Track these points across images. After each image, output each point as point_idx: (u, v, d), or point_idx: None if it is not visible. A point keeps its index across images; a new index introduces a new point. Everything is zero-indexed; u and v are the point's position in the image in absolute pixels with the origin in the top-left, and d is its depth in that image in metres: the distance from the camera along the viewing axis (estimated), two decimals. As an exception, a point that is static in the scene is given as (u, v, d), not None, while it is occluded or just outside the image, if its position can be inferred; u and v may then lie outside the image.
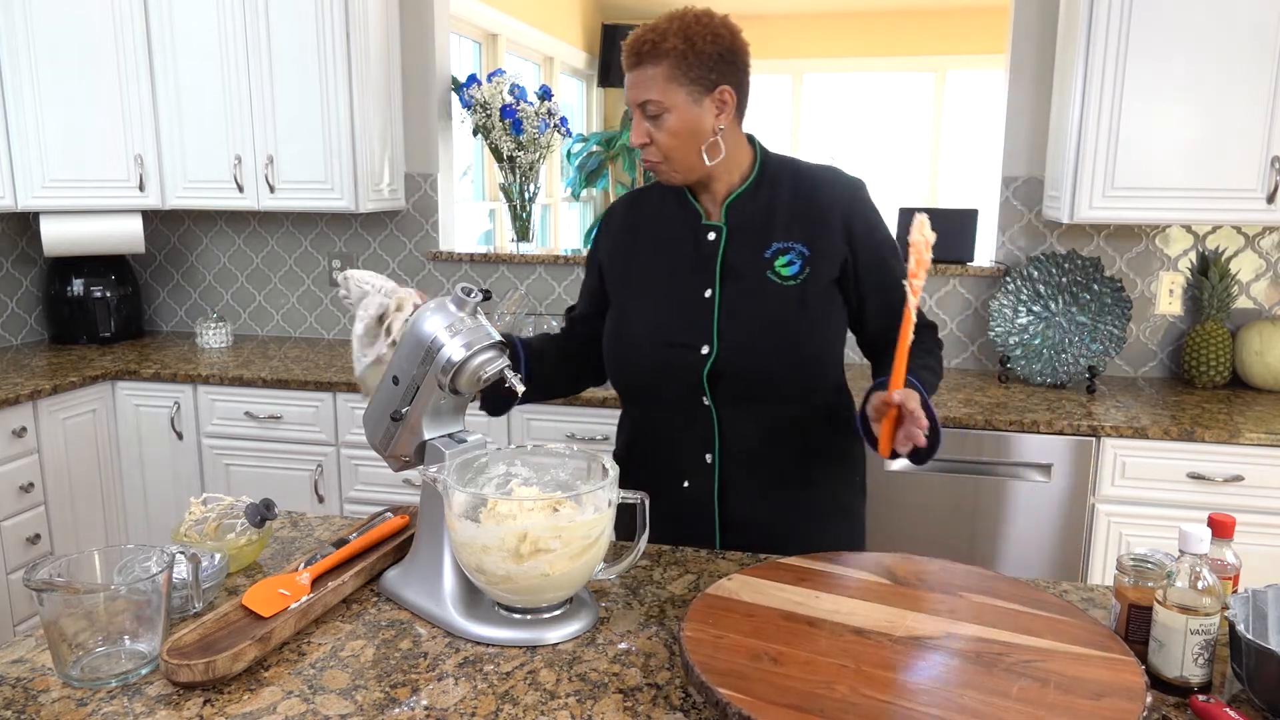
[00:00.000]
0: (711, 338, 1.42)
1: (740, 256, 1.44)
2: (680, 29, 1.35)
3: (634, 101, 1.38)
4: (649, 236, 1.51)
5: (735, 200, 1.46)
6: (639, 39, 1.37)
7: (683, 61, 1.35)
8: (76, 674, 1.04)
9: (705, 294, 1.43)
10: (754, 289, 1.42)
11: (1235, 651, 1.01)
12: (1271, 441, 2.24)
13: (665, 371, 1.45)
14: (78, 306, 3.22)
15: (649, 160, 1.41)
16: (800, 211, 1.44)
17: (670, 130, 1.37)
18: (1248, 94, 2.37)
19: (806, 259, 1.42)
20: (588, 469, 1.24)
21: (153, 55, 2.99)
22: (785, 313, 1.41)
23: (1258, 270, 2.77)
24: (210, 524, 1.38)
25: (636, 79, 1.37)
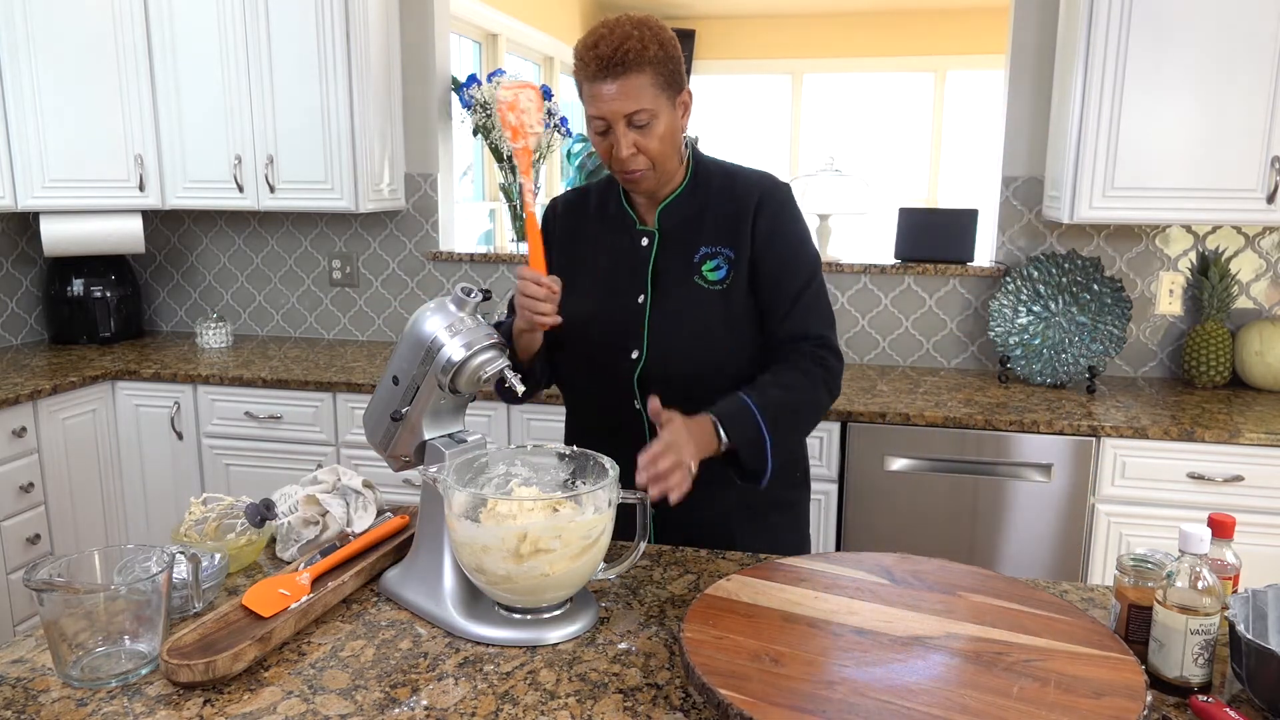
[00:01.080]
0: (642, 343, 1.44)
1: (671, 262, 1.45)
2: (653, 35, 1.33)
3: (620, 113, 1.33)
4: (588, 240, 1.52)
5: (668, 205, 1.47)
6: (618, 48, 1.31)
7: (663, 68, 1.34)
8: (76, 674, 1.04)
9: (638, 300, 1.45)
10: (682, 294, 1.44)
11: (1235, 651, 1.01)
12: (1271, 441, 2.24)
13: (598, 375, 1.49)
14: (78, 306, 3.22)
15: (635, 170, 1.38)
16: (727, 215, 1.45)
17: (660, 137, 1.36)
18: (1248, 93, 2.37)
19: (732, 263, 1.44)
20: (588, 469, 1.24)
21: (153, 55, 2.99)
22: (711, 317, 1.43)
23: (1258, 270, 2.77)
24: (210, 524, 1.38)
25: (621, 90, 1.32)
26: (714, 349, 1.44)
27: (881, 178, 6.81)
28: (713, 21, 6.99)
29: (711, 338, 1.43)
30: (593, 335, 1.47)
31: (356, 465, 2.76)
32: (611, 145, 1.37)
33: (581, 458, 1.25)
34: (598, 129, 1.37)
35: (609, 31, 1.33)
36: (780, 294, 1.44)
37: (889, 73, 7.02)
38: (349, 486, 1.43)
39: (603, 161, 1.43)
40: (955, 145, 6.99)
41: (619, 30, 1.33)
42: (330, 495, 1.41)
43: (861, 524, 2.49)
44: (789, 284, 1.44)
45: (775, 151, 7.19)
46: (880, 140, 7.13)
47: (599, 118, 1.35)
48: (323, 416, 2.77)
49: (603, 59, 1.32)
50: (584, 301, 1.47)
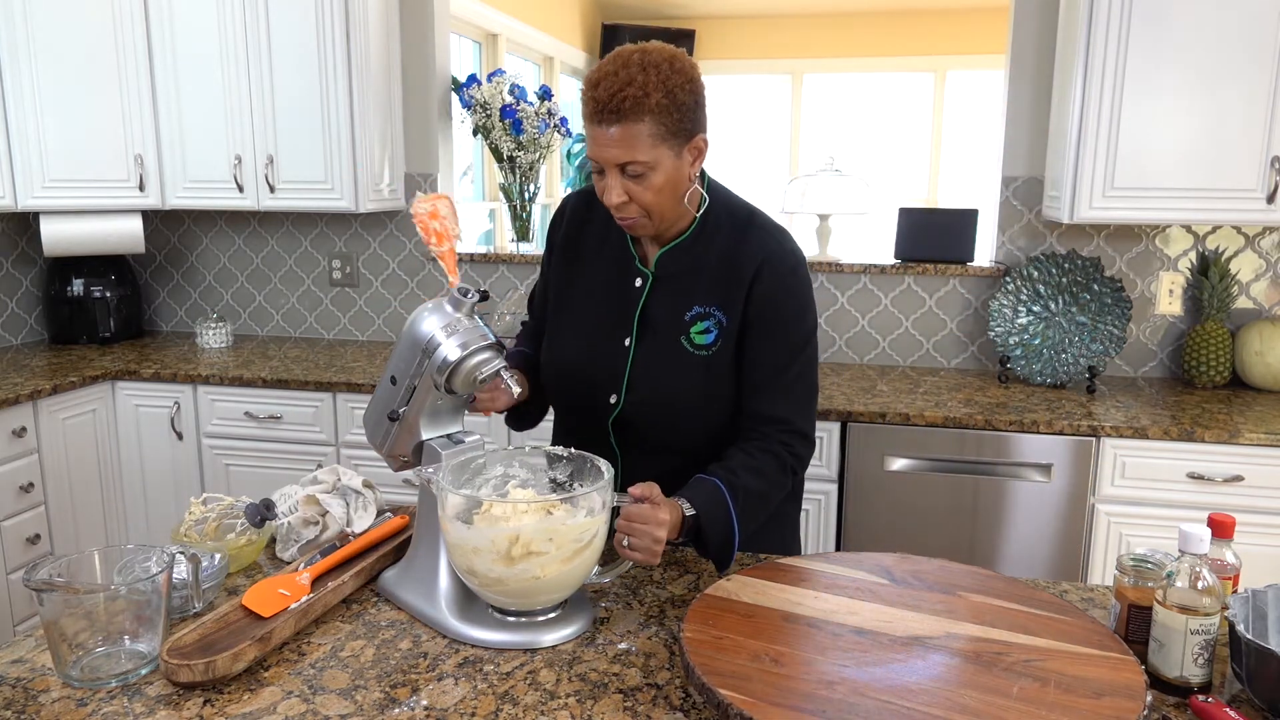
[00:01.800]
0: (621, 389, 1.41)
1: (661, 312, 1.40)
2: (659, 82, 1.23)
3: (612, 161, 1.26)
4: (591, 255, 1.47)
5: (670, 251, 1.39)
6: (616, 94, 1.23)
7: (667, 117, 1.24)
8: (76, 674, 1.04)
9: (625, 343, 1.41)
10: (667, 351, 1.38)
11: (1235, 651, 1.01)
12: (1271, 442, 2.24)
13: (577, 409, 1.48)
14: (77, 306, 3.22)
15: (625, 218, 1.32)
16: (727, 275, 1.37)
17: (655, 188, 1.28)
18: (1247, 94, 2.37)
19: (723, 328, 1.37)
20: (585, 471, 1.24)
21: (153, 55, 2.99)
22: (693, 381, 1.38)
23: (1258, 270, 2.77)
24: (210, 524, 1.38)
25: (617, 137, 1.24)
26: (690, 410, 1.40)
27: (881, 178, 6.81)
28: (713, 21, 6.99)
29: (690, 399, 1.39)
30: (577, 372, 1.44)
31: (356, 465, 2.76)
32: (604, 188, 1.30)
33: (579, 460, 1.25)
34: (594, 168, 1.30)
35: (614, 72, 1.24)
36: (760, 372, 1.38)
37: (889, 73, 7.02)
38: (349, 486, 1.43)
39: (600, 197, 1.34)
40: (955, 145, 6.99)
41: (623, 73, 1.24)
42: (330, 495, 1.41)
43: (861, 524, 2.49)
44: (771, 362, 1.37)
45: (775, 151, 7.19)
46: (880, 140, 7.13)
47: (593, 159, 1.28)
48: (323, 416, 2.77)
49: (599, 103, 1.24)
50: (578, 332, 1.45)
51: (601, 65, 1.27)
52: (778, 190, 3.34)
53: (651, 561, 1.20)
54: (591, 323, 1.44)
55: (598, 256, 1.46)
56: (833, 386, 2.68)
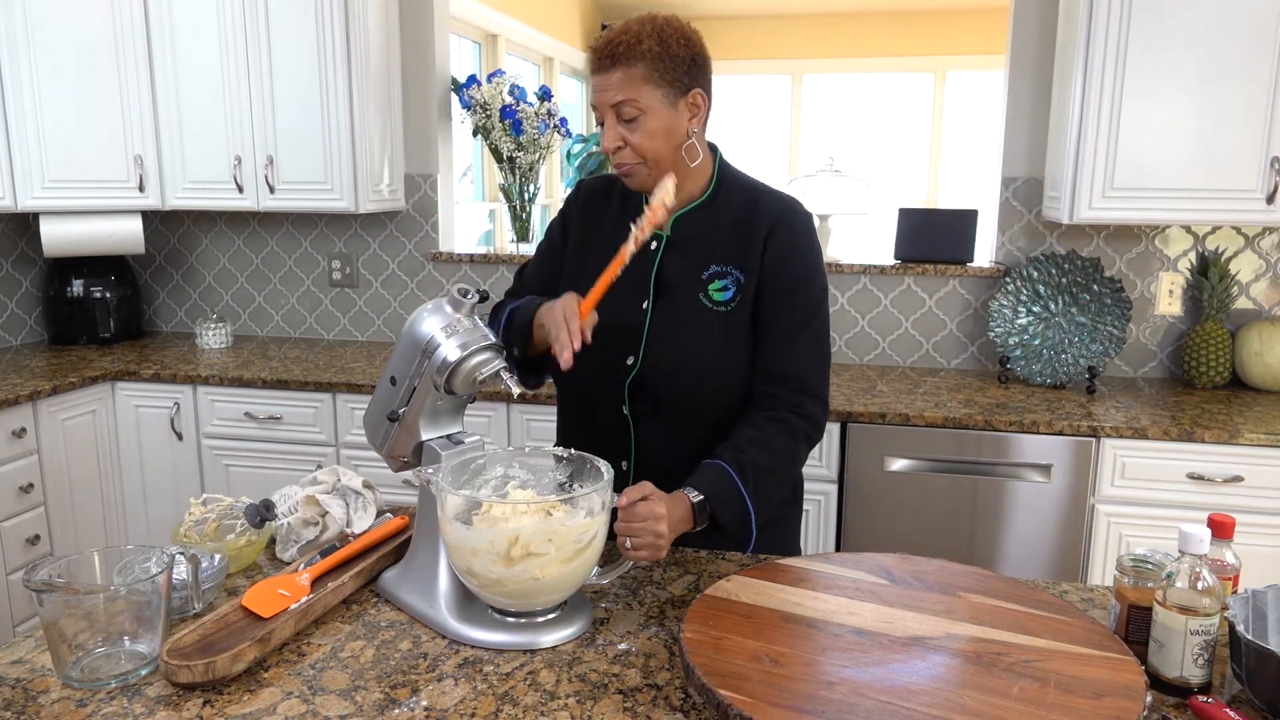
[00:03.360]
0: (639, 351, 1.43)
1: (678, 273, 1.43)
2: (653, 31, 1.33)
3: (607, 104, 1.34)
4: (607, 230, 1.49)
5: (685, 214, 1.45)
6: (611, 40, 1.34)
7: (659, 63, 1.33)
8: (76, 675, 1.04)
9: (642, 305, 1.43)
10: (685, 310, 1.42)
11: (1235, 652, 1.01)
12: (1271, 442, 2.24)
13: (591, 376, 1.46)
14: (77, 307, 3.22)
15: (623, 164, 1.38)
16: (742, 235, 1.43)
17: (647, 132, 1.34)
18: (1247, 94, 2.37)
19: (740, 285, 1.41)
20: (585, 472, 1.24)
21: (153, 56, 2.99)
22: (711, 337, 1.41)
23: (1257, 271, 2.77)
24: (210, 524, 1.38)
25: (610, 80, 1.34)
26: (709, 369, 1.41)
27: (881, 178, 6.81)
28: (713, 22, 6.99)
29: (709, 358, 1.41)
30: (594, 336, 1.46)
31: (356, 466, 2.76)
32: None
33: (579, 460, 1.25)
34: (597, 120, 1.37)
35: (614, 29, 1.35)
36: (776, 328, 1.41)
37: (889, 73, 7.02)
38: (349, 487, 1.43)
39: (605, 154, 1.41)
40: (955, 145, 6.99)
41: (621, 26, 1.34)
42: (330, 496, 1.41)
43: (861, 524, 2.49)
44: (786, 319, 1.41)
45: (775, 152, 7.19)
46: (880, 140, 7.13)
47: (595, 108, 1.36)
48: (322, 417, 2.77)
49: (598, 52, 1.34)
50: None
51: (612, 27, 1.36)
52: (777, 191, 3.33)
53: (657, 557, 1.21)
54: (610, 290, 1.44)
55: (615, 229, 1.47)
56: (833, 387, 2.68)
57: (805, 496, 2.48)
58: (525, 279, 1.61)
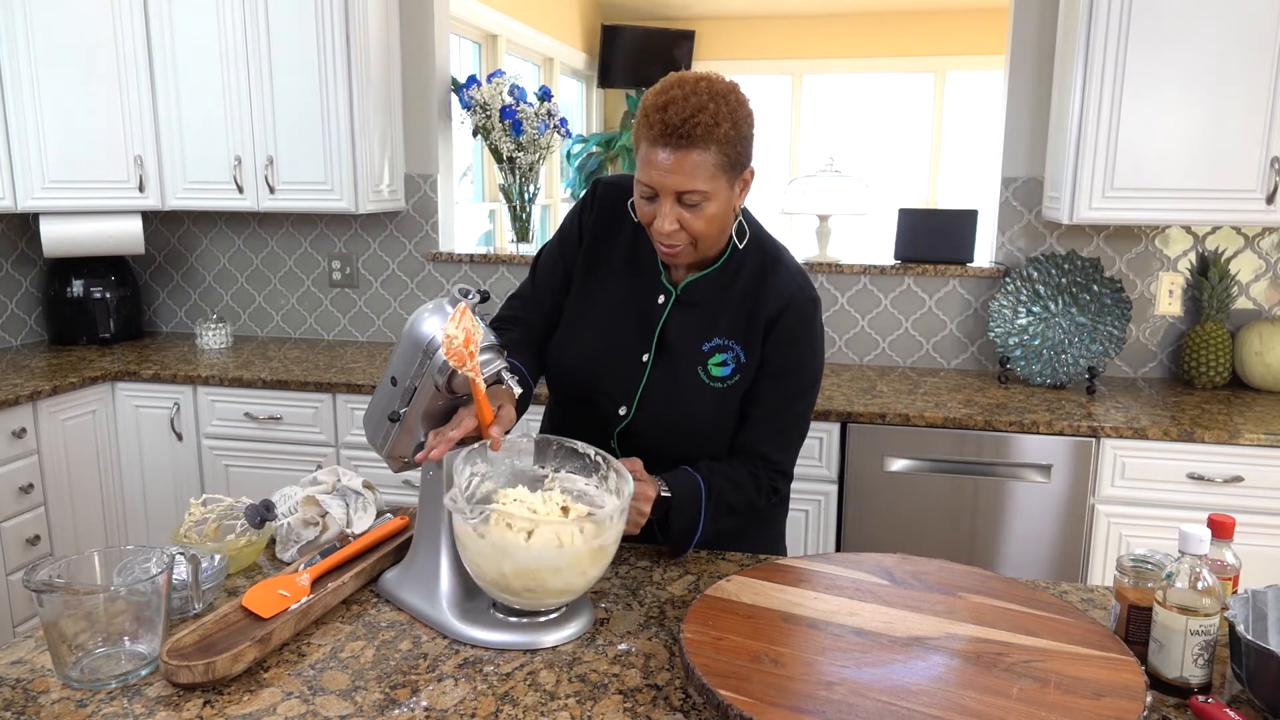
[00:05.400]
0: (633, 402, 1.42)
1: (680, 337, 1.40)
2: (728, 112, 1.23)
3: (672, 188, 1.24)
4: (618, 258, 1.45)
5: (698, 280, 1.40)
6: (689, 119, 1.21)
7: (731, 148, 1.24)
8: (76, 675, 1.04)
9: (643, 357, 1.41)
10: (683, 378, 1.40)
11: (1235, 652, 1.01)
12: (1271, 442, 2.24)
13: (585, 412, 1.46)
14: (77, 307, 3.22)
15: (673, 246, 1.30)
16: (749, 312, 1.39)
17: (707, 218, 1.27)
18: (1247, 94, 2.37)
19: (740, 365, 1.40)
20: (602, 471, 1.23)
21: (153, 56, 2.99)
22: (705, 409, 1.40)
23: (1257, 271, 2.77)
24: (210, 525, 1.38)
25: (682, 163, 1.22)
26: (699, 434, 1.41)
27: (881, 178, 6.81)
28: (712, 22, 6.99)
29: (700, 425, 1.41)
30: (591, 376, 1.44)
31: (356, 466, 2.76)
32: (653, 214, 1.28)
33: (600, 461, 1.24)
34: (644, 193, 1.28)
35: (683, 96, 1.22)
36: (760, 409, 1.41)
37: (889, 73, 7.02)
38: (349, 487, 1.43)
39: (644, 223, 1.33)
40: (955, 146, 6.99)
41: (694, 99, 1.22)
42: (330, 496, 1.41)
43: (861, 524, 2.49)
44: (772, 404, 1.41)
45: (775, 152, 7.19)
46: (880, 141, 7.13)
47: (648, 184, 1.26)
48: (322, 417, 2.77)
49: (669, 126, 1.21)
50: (591, 337, 1.44)
51: (666, 89, 1.24)
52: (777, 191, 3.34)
53: (632, 532, 1.26)
54: (611, 329, 1.44)
55: (626, 261, 1.44)
56: (833, 387, 2.69)
57: (805, 496, 2.49)
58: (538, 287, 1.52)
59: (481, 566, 1.12)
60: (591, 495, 1.23)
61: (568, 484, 1.25)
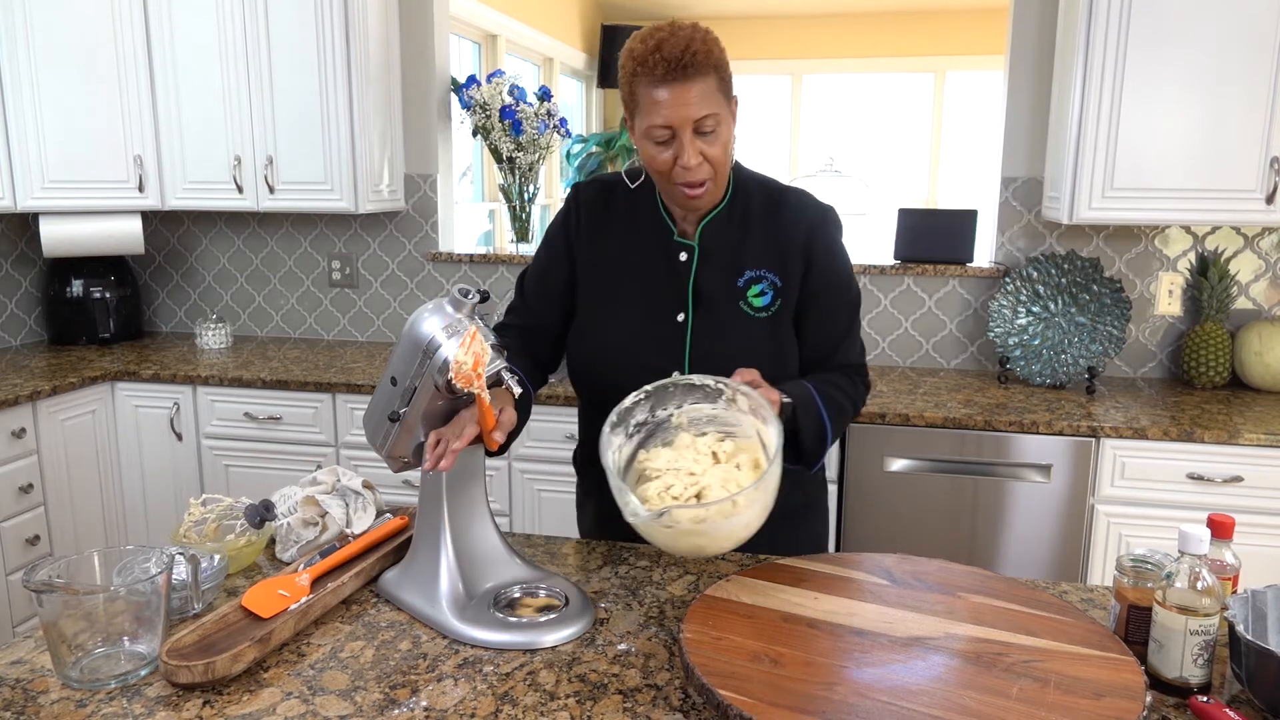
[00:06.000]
0: (683, 364, 1.41)
1: (713, 282, 1.41)
2: (712, 40, 1.29)
3: (688, 119, 1.27)
4: (620, 241, 1.46)
5: (711, 221, 1.42)
6: (686, 49, 1.25)
7: (724, 72, 1.30)
8: (76, 675, 1.04)
9: (678, 318, 1.42)
10: (726, 319, 1.41)
11: (1235, 652, 1.01)
12: (1271, 442, 2.24)
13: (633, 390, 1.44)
14: (77, 307, 3.22)
15: (700, 180, 1.31)
16: (771, 237, 1.42)
17: (724, 143, 1.31)
18: (1247, 94, 2.37)
19: (778, 290, 1.41)
20: (726, 394, 1.23)
21: (152, 56, 2.99)
22: (756, 344, 1.41)
23: (1257, 271, 2.77)
24: (210, 525, 1.38)
25: (689, 94, 1.25)
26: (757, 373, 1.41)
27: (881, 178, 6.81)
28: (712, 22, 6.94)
29: (757, 364, 1.37)
30: (632, 354, 1.42)
31: (356, 466, 2.76)
32: (674, 156, 1.29)
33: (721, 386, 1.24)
34: (658, 138, 1.29)
35: (669, 35, 1.27)
36: (829, 329, 1.45)
37: (888, 73, 7.02)
38: (348, 487, 1.43)
39: (656, 174, 1.34)
40: (955, 146, 6.99)
41: (680, 33, 1.27)
42: (330, 496, 1.41)
43: (861, 524, 2.49)
44: (838, 321, 1.45)
45: (775, 152, 7.19)
46: (880, 141, 7.13)
47: (664, 125, 1.27)
48: (322, 417, 2.77)
49: (670, 61, 1.25)
50: (622, 317, 1.44)
51: (648, 35, 1.29)
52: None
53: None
54: (638, 304, 1.43)
55: (628, 239, 1.45)
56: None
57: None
58: (527, 297, 1.54)
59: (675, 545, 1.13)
60: (722, 418, 1.23)
61: (694, 414, 1.24)
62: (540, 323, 1.52)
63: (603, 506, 1.56)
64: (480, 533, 1.28)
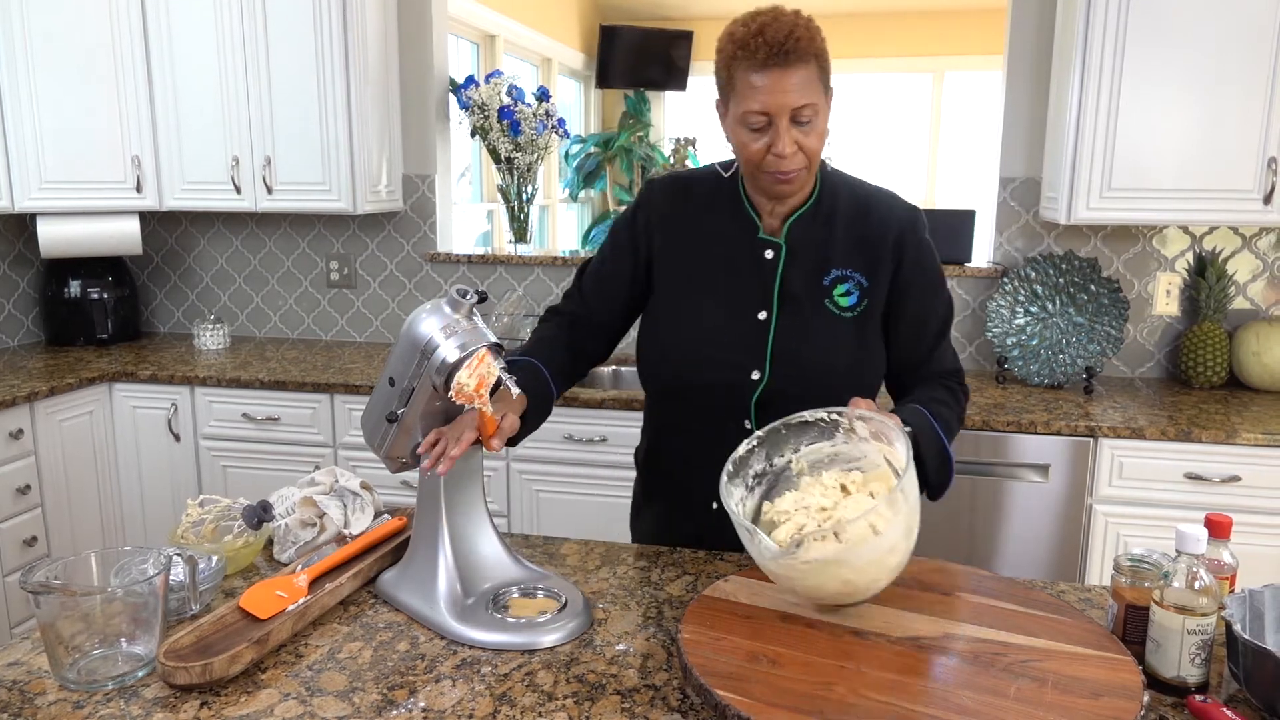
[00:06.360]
0: (764, 363, 1.37)
1: (799, 282, 1.37)
2: (815, 28, 1.26)
3: (786, 106, 1.23)
4: (700, 235, 1.41)
5: (799, 217, 1.38)
6: (789, 35, 1.22)
7: (825, 62, 1.27)
8: (73, 676, 1.04)
9: (760, 316, 1.38)
10: (811, 318, 1.37)
11: (1232, 651, 1.01)
12: (1268, 442, 2.25)
13: (711, 390, 1.39)
14: (74, 308, 3.22)
15: (793, 170, 1.28)
16: (858, 237, 1.38)
17: (820, 134, 1.27)
18: (1244, 95, 2.38)
19: (864, 290, 1.37)
20: (843, 426, 1.19)
21: (150, 56, 2.98)
22: (842, 345, 1.37)
23: (1254, 271, 2.77)
24: (207, 526, 1.38)
25: (788, 81, 1.22)
26: (842, 376, 1.37)
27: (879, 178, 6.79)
28: (710, 23, 6.99)
29: (841, 365, 1.37)
30: (709, 351, 1.38)
31: (355, 467, 2.76)
32: (768, 144, 1.26)
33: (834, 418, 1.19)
34: (754, 124, 1.26)
35: (773, 18, 1.24)
36: (924, 334, 1.42)
37: (887, 73, 7.02)
38: (346, 488, 1.43)
39: (746, 162, 1.31)
40: (953, 146, 6.99)
41: (784, 18, 1.24)
42: (327, 497, 1.41)
43: (859, 525, 2.48)
44: (933, 324, 1.43)
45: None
46: (878, 141, 7.13)
47: (761, 112, 1.24)
48: (320, 418, 2.77)
49: (772, 45, 1.22)
50: (699, 313, 1.40)
51: (751, 18, 1.26)
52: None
53: None
54: (717, 301, 1.39)
55: (709, 235, 1.41)
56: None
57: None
58: (584, 288, 1.51)
59: (823, 587, 1.06)
60: (845, 454, 1.19)
61: (813, 456, 1.19)
62: (592, 315, 1.49)
63: (664, 510, 1.52)
64: (478, 533, 1.28)
